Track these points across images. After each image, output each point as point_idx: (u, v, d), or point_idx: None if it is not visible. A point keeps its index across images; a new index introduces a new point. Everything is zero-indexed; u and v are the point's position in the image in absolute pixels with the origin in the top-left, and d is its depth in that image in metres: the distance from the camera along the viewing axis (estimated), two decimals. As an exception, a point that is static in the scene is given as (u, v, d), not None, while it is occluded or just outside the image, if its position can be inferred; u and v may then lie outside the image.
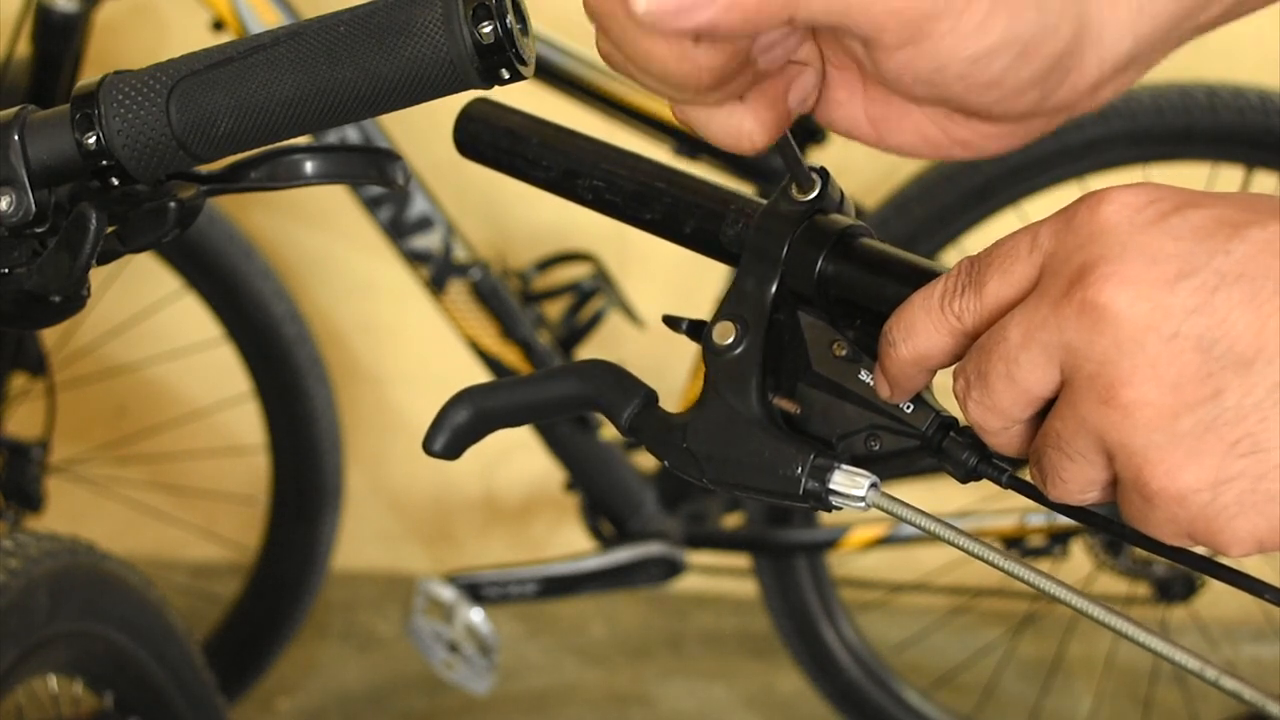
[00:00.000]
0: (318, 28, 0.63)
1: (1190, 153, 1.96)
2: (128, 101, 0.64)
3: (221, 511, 2.57)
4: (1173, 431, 0.51)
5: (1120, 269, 0.52)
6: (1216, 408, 0.51)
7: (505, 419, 0.71)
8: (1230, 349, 0.51)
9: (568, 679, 2.46)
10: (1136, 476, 0.52)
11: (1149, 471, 0.52)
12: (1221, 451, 0.51)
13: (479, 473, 2.60)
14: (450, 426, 0.70)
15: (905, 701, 2.19)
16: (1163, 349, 0.51)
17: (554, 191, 0.74)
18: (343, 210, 2.15)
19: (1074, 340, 0.52)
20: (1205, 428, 0.51)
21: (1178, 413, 0.51)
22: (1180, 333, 0.51)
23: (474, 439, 0.71)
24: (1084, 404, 0.53)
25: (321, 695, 2.43)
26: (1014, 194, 1.99)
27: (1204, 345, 0.51)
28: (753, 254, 0.65)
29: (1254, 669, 2.41)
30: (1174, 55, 0.59)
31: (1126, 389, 0.51)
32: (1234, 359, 0.51)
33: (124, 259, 0.70)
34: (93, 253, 0.66)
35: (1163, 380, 0.51)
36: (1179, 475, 0.52)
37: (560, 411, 0.70)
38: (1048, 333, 0.53)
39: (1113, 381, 0.52)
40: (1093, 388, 0.52)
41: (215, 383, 2.38)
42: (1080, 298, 0.52)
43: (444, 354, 2.23)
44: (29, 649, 1.23)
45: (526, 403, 0.70)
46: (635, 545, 2.03)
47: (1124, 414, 0.52)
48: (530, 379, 0.70)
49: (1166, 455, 0.52)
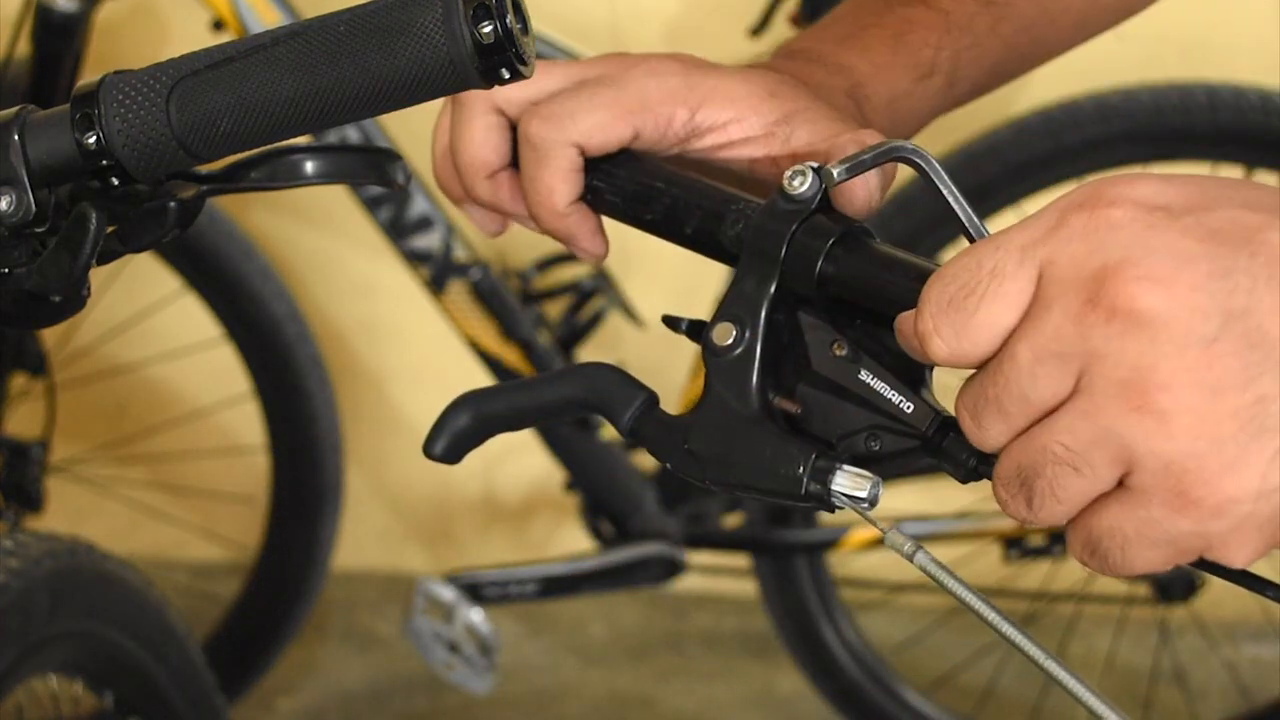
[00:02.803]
0: (318, 27, 0.63)
1: (1190, 153, 1.96)
2: (128, 101, 0.64)
3: (221, 511, 2.56)
4: (1216, 438, 0.49)
5: (1151, 270, 0.49)
6: (1261, 413, 0.49)
7: (506, 423, 0.70)
8: (1270, 353, 0.49)
9: (568, 679, 2.46)
10: (1174, 485, 0.50)
11: (1189, 480, 0.50)
12: (1266, 460, 0.49)
13: (479, 473, 2.60)
14: (451, 431, 0.70)
15: (905, 701, 2.19)
16: (1202, 353, 0.49)
17: None
18: (343, 210, 2.15)
19: (1100, 348, 0.50)
20: (1250, 435, 0.49)
21: (1221, 419, 0.49)
22: (1221, 335, 0.49)
23: (475, 443, 0.71)
24: (1107, 413, 0.50)
25: (321, 695, 2.43)
26: (1014, 194, 1.99)
27: (1244, 348, 0.49)
28: (752, 253, 0.65)
29: (1254, 669, 2.41)
30: (1174, 55, 0.60)
31: (1164, 394, 0.49)
32: (1275, 363, 0.49)
33: (124, 259, 0.70)
34: (93, 253, 0.66)
35: (1204, 385, 0.49)
36: (1222, 484, 0.49)
37: (561, 415, 0.70)
38: (1064, 343, 0.51)
39: (1148, 387, 0.49)
40: (1124, 395, 0.50)
41: (215, 383, 2.38)
42: (1109, 303, 0.50)
43: (444, 354, 2.23)
44: (29, 649, 1.22)
45: (527, 407, 0.70)
46: (635, 545, 2.03)
47: (1160, 421, 0.49)
48: (530, 383, 0.70)
49: (1208, 463, 0.49)
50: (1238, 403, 0.49)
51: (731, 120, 0.72)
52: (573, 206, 0.73)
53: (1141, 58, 2.00)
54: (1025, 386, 0.52)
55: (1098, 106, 1.94)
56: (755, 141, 0.72)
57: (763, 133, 0.72)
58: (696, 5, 2.30)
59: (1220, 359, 0.49)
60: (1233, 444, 0.49)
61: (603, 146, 0.72)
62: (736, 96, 0.72)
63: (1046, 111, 1.96)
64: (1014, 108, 2.03)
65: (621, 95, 0.72)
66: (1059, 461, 0.52)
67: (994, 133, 1.97)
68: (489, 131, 0.74)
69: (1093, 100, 1.94)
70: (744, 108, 0.72)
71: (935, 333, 0.54)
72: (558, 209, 0.72)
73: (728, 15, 2.12)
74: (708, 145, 0.73)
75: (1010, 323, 0.52)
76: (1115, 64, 1.89)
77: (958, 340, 0.53)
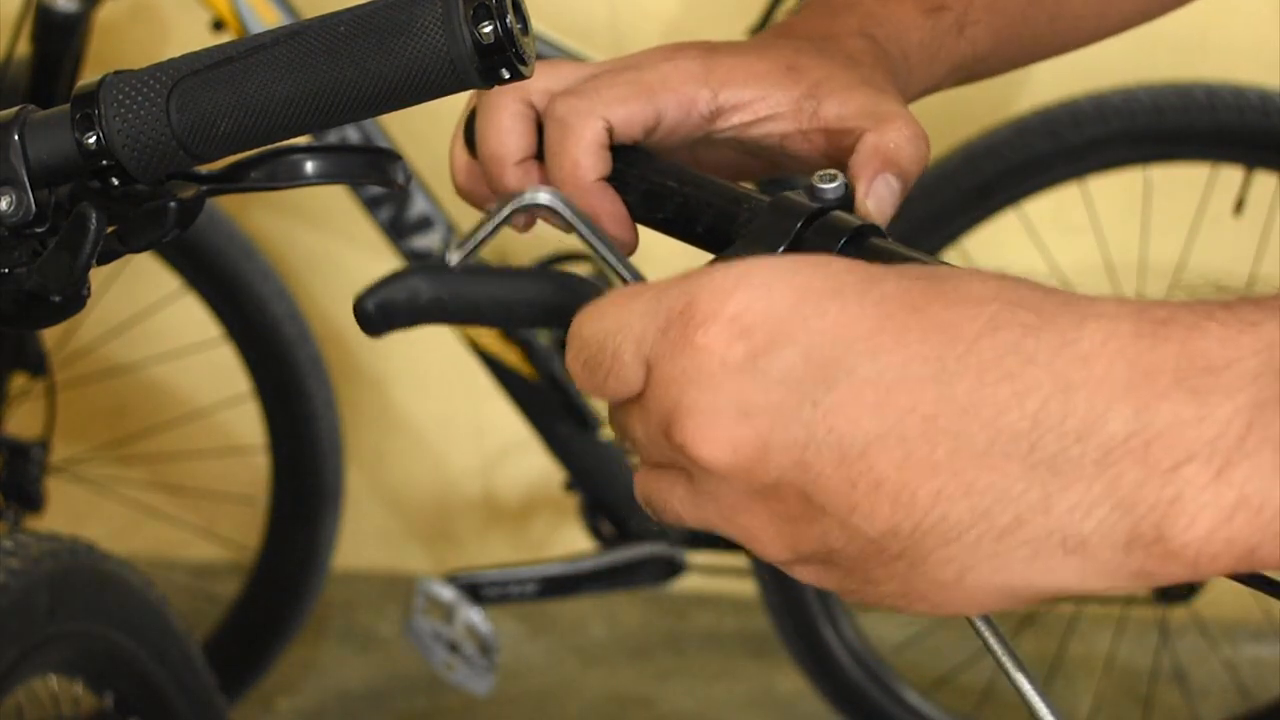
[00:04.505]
0: (318, 28, 0.63)
1: (1190, 153, 1.96)
2: (128, 101, 0.64)
3: (221, 511, 2.56)
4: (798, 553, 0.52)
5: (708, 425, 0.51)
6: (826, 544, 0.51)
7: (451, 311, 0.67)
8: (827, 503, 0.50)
9: (568, 679, 2.46)
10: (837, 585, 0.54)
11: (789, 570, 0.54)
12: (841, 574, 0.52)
13: (479, 473, 2.60)
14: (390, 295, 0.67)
15: (905, 701, 2.19)
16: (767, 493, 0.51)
17: None
18: (343, 210, 2.15)
19: (686, 467, 0.53)
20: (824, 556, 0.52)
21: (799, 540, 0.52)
22: (779, 483, 0.50)
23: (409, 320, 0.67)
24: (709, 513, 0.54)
25: (321, 695, 2.43)
26: (1014, 194, 1.99)
27: (804, 495, 0.50)
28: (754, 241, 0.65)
29: (1254, 669, 2.41)
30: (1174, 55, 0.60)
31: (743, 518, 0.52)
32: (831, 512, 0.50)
33: (124, 259, 0.70)
34: (93, 253, 0.66)
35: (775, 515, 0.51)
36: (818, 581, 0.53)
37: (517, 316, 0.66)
38: (661, 450, 0.53)
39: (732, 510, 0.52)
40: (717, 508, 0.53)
41: (215, 383, 2.38)
42: (679, 444, 0.52)
43: (444, 354, 2.23)
44: (29, 649, 1.23)
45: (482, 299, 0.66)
46: (635, 545, 2.03)
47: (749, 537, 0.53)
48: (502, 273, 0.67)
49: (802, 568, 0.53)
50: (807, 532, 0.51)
51: (756, 98, 0.73)
52: (599, 185, 0.73)
53: (1141, 58, 2.00)
54: (643, 449, 0.55)
55: (1098, 106, 1.94)
56: (783, 117, 0.73)
57: (790, 108, 0.73)
58: (696, 5, 2.30)
59: (785, 500, 0.51)
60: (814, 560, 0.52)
61: (626, 124, 0.72)
62: (757, 73, 0.73)
63: (1046, 111, 1.96)
64: (1014, 108, 2.03)
65: (643, 77, 0.73)
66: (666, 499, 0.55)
67: (994, 133, 1.97)
68: (516, 119, 0.75)
69: (1093, 100, 1.94)
70: (766, 84, 0.73)
71: (576, 378, 0.56)
72: (583, 183, 0.72)
73: (728, 15, 2.12)
74: (735, 124, 0.73)
75: (631, 395, 0.54)
76: (1115, 64, 1.89)
77: (595, 392, 0.56)
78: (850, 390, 0.49)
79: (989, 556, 0.48)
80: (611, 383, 0.54)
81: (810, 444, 0.49)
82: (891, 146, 0.71)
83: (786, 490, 0.50)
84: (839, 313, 0.50)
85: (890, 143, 0.71)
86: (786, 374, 0.50)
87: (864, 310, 0.49)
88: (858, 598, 0.53)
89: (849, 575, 0.52)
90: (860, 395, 0.49)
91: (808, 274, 0.51)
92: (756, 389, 0.50)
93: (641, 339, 0.53)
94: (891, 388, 0.48)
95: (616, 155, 0.73)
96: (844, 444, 0.49)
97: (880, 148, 0.71)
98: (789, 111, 0.73)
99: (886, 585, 0.51)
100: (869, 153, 0.71)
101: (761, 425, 0.50)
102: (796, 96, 0.72)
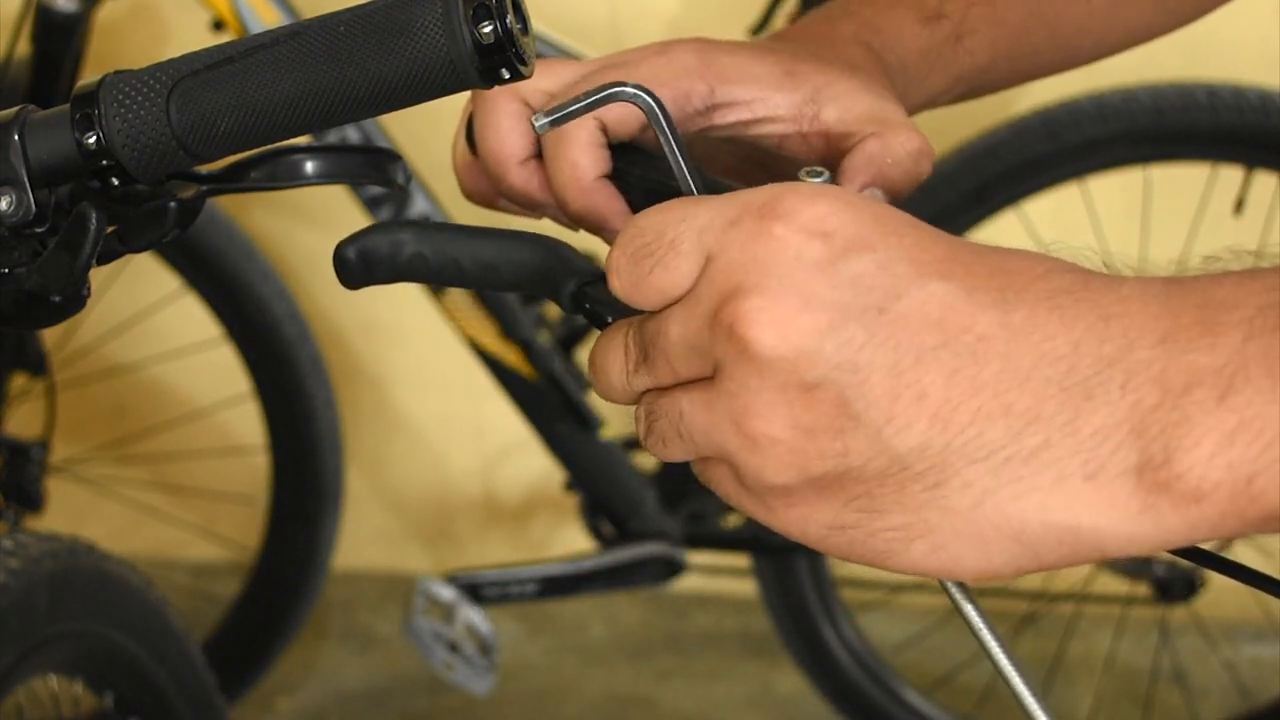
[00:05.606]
0: (318, 28, 0.63)
1: (1190, 153, 1.96)
2: (128, 101, 0.64)
3: (221, 511, 2.57)
4: (803, 473, 0.52)
5: (770, 307, 0.51)
6: (844, 463, 0.51)
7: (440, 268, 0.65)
8: (865, 411, 0.50)
9: (568, 679, 2.46)
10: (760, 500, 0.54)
11: (771, 505, 0.53)
12: (841, 502, 0.52)
13: (479, 472, 2.60)
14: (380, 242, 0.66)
15: (905, 701, 2.19)
16: (800, 395, 0.51)
17: None
18: (343, 210, 2.15)
19: (721, 359, 0.52)
20: (834, 478, 0.52)
21: (810, 458, 0.51)
22: (822, 383, 0.51)
23: (394, 274, 0.66)
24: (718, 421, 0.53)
25: (321, 695, 2.43)
26: (1014, 194, 1.99)
27: (842, 400, 0.51)
28: None
29: (1254, 669, 2.41)
30: (1174, 55, 0.60)
31: (759, 422, 0.52)
32: (866, 422, 0.50)
33: (124, 259, 0.70)
34: (93, 253, 0.66)
35: (798, 424, 0.51)
36: (800, 520, 0.53)
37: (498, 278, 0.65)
38: (700, 340, 0.53)
39: (748, 414, 0.52)
40: (730, 409, 0.52)
41: (215, 383, 2.38)
42: (728, 324, 0.51)
43: (444, 354, 2.23)
44: (29, 649, 1.23)
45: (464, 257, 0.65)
46: (635, 545, 2.03)
47: (754, 446, 0.52)
48: (490, 233, 0.66)
49: (791, 498, 0.53)
50: (828, 448, 0.51)
51: (754, 98, 0.73)
52: (599, 183, 0.73)
53: (1141, 58, 1.99)
54: (671, 360, 0.55)
55: (1098, 106, 1.94)
56: (782, 119, 0.73)
57: (789, 111, 0.73)
58: (696, 5, 2.30)
59: (818, 404, 0.51)
60: (817, 482, 0.52)
61: (619, 121, 0.72)
62: (754, 75, 0.73)
63: (1046, 111, 1.96)
64: (1014, 108, 2.03)
65: (635, 73, 0.72)
66: (672, 428, 0.55)
67: (994, 133, 1.97)
68: (514, 119, 0.75)
69: (1093, 100, 1.94)
70: (764, 86, 0.73)
71: (617, 273, 0.56)
72: (583, 183, 0.72)
73: (728, 15, 2.12)
74: (733, 121, 0.73)
75: (676, 294, 0.54)
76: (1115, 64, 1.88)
77: (632, 289, 0.55)
78: (916, 303, 0.51)
79: (1012, 480, 0.49)
80: (658, 274, 0.54)
81: (867, 346, 0.50)
82: (889, 160, 0.71)
83: (824, 393, 0.51)
84: (916, 238, 0.52)
85: (889, 154, 0.71)
86: (859, 278, 0.51)
87: (937, 242, 0.52)
88: (847, 538, 0.52)
89: (852, 503, 0.52)
90: (925, 309, 0.50)
91: (888, 207, 0.54)
92: (826, 285, 0.51)
93: (706, 229, 0.53)
94: (954, 306, 0.50)
95: (616, 153, 0.73)
96: (899, 352, 0.50)
97: (877, 158, 0.71)
98: (788, 114, 0.73)
99: (891, 515, 0.51)
100: (864, 160, 0.71)
101: (822, 318, 0.51)
102: (797, 100, 0.72)
